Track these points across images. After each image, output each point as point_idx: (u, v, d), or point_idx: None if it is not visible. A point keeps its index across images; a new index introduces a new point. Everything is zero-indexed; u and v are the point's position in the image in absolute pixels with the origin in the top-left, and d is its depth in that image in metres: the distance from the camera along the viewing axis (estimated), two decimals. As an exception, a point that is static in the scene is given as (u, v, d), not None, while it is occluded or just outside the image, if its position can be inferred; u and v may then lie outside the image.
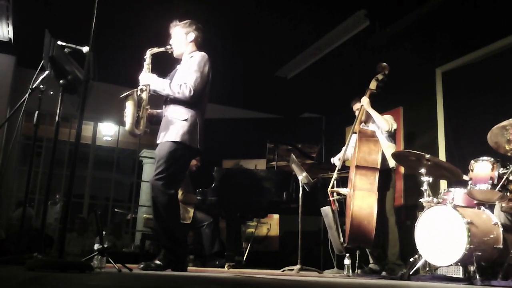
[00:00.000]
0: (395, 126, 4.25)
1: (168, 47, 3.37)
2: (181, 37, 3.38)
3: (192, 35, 3.38)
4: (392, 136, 4.29)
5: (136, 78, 3.31)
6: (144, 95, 3.20)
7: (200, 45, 3.44)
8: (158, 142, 3.22)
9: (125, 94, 3.14)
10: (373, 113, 4.23)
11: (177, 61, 3.44)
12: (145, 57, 3.30)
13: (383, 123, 4.17)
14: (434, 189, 3.84)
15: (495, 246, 3.08)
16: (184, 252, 3.24)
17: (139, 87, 3.21)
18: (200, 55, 3.29)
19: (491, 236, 3.10)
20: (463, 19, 4.77)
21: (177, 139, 3.13)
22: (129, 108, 3.13)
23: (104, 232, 3.42)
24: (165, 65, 3.42)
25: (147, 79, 3.23)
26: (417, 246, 3.31)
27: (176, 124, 3.17)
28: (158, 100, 3.38)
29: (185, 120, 3.17)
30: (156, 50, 3.33)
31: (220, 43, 5.36)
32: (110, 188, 7.99)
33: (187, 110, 3.19)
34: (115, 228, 7.03)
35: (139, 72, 3.29)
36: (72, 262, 2.17)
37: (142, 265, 3.00)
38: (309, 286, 2.07)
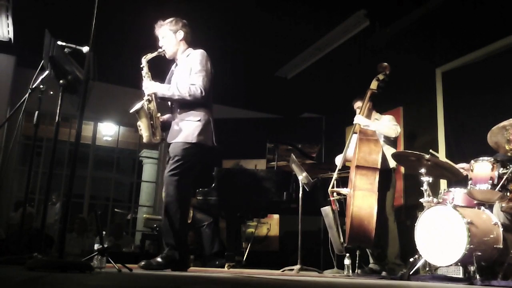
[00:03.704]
0: (399, 129, 4.26)
1: (161, 50, 3.33)
2: (171, 37, 3.34)
3: (181, 33, 3.35)
4: (394, 140, 4.31)
5: (138, 82, 3.29)
6: (152, 105, 3.22)
7: (190, 41, 3.40)
8: (171, 141, 3.21)
9: (135, 109, 3.17)
10: (375, 127, 4.18)
11: (168, 62, 3.41)
12: (141, 66, 3.28)
13: (389, 132, 4.17)
14: (434, 189, 3.84)
15: (495, 246, 3.08)
16: (186, 251, 3.23)
17: (146, 98, 3.21)
18: (199, 53, 3.27)
19: (491, 236, 3.10)
20: (463, 19, 4.77)
21: (194, 140, 3.16)
22: (143, 121, 3.18)
23: (104, 232, 3.42)
24: (158, 67, 3.39)
25: (153, 88, 3.22)
26: (417, 246, 3.31)
27: (189, 125, 3.19)
28: (162, 105, 3.37)
29: (198, 120, 3.20)
30: (150, 56, 3.30)
31: (220, 43, 5.36)
32: (110, 188, 7.99)
33: (198, 111, 3.22)
34: (116, 228, 7.03)
35: (140, 79, 3.27)
36: (72, 262, 2.17)
37: (143, 263, 3.00)
38: (309, 286, 2.07)
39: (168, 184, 3.12)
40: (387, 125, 4.23)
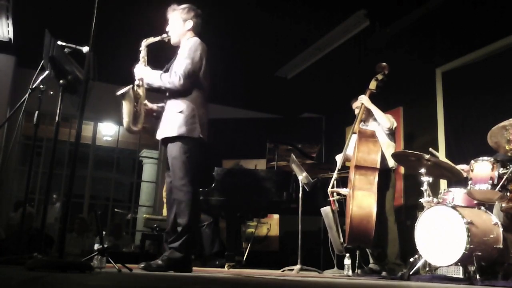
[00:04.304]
0: (395, 124, 4.27)
1: (165, 35, 3.19)
2: (179, 25, 3.21)
3: (190, 24, 3.21)
4: (392, 134, 4.30)
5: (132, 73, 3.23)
6: (141, 91, 3.11)
7: (198, 33, 3.26)
8: (157, 138, 3.13)
9: (121, 91, 3.06)
10: (375, 110, 4.23)
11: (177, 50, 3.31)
12: (140, 49, 3.17)
13: (384, 121, 4.18)
14: (434, 189, 3.84)
15: (495, 246, 3.08)
16: (191, 253, 3.10)
17: (136, 83, 3.11)
18: (192, 41, 3.14)
19: (491, 236, 3.10)
20: (463, 19, 4.77)
21: (173, 133, 3.01)
22: (126, 105, 3.05)
23: (104, 232, 3.41)
24: (167, 55, 3.30)
25: (141, 72, 3.12)
26: (417, 246, 3.30)
27: (172, 117, 3.05)
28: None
29: (180, 112, 3.03)
30: (151, 40, 3.17)
31: (220, 43, 5.36)
32: (110, 188, 8.00)
33: (182, 101, 3.05)
34: (116, 228, 7.04)
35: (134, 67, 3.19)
36: (72, 262, 2.17)
37: (142, 265, 2.97)
38: (309, 286, 2.07)
39: (177, 190, 3.00)
40: (384, 115, 4.24)
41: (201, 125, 3.07)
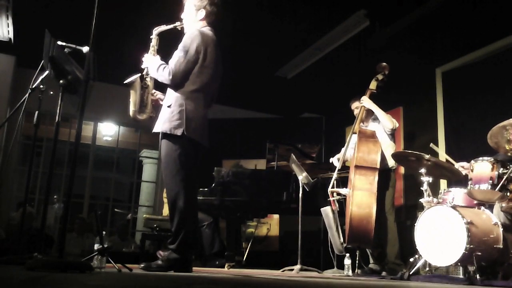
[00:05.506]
0: (397, 125, 4.27)
1: (178, 23, 3.08)
2: (191, 13, 3.07)
3: (202, 13, 3.05)
4: (392, 134, 4.31)
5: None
6: (149, 80, 3.08)
7: (212, 23, 3.10)
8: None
9: (129, 80, 3.04)
10: (377, 111, 4.22)
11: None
12: (151, 37, 3.10)
13: (387, 122, 4.17)
14: (434, 189, 3.84)
15: (495, 246, 3.08)
16: (190, 253, 3.04)
17: (144, 72, 3.08)
18: (189, 33, 2.99)
19: (491, 236, 3.10)
20: (463, 19, 4.77)
21: (158, 129, 2.94)
22: (132, 94, 3.03)
23: (104, 232, 3.41)
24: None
25: (146, 62, 3.06)
26: (417, 246, 3.31)
27: (162, 111, 2.99)
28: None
29: (168, 106, 2.94)
30: (163, 28, 3.07)
31: (220, 43, 5.35)
32: (110, 188, 8.00)
33: (173, 95, 2.96)
34: (122, 228, 7.03)
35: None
36: (72, 262, 2.17)
37: (142, 265, 2.96)
38: (309, 286, 2.07)
39: (167, 190, 2.98)
40: (387, 116, 4.24)
41: (189, 121, 2.90)
